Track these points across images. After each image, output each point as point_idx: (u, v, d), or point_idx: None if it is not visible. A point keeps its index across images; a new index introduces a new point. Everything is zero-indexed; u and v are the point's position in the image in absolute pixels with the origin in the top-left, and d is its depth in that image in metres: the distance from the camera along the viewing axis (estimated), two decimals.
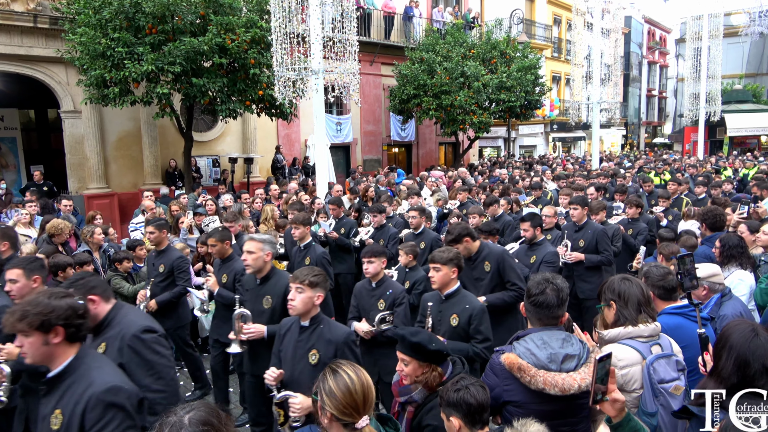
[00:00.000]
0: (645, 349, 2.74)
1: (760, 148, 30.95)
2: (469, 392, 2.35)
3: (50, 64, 12.45)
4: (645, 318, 2.82)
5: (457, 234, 4.74)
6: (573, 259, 6.03)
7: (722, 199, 7.66)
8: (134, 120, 13.77)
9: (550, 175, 14.47)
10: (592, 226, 6.25)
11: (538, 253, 5.58)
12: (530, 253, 5.67)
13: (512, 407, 2.62)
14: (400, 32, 20.32)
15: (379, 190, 11.15)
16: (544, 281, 2.76)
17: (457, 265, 3.86)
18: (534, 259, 5.57)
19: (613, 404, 2.17)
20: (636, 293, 2.85)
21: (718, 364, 2.26)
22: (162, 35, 10.32)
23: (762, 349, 2.17)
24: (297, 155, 17.08)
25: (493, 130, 21.57)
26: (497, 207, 7.84)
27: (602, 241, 6.15)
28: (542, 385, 2.52)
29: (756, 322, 2.66)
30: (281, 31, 9.69)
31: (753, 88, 33.89)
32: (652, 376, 2.66)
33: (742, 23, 29.02)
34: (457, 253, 3.96)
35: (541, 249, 5.62)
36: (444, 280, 3.83)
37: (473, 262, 4.79)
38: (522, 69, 18.27)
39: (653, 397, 2.63)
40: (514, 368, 2.59)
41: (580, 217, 6.23)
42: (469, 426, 2.35)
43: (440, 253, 3.89)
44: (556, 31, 31.44)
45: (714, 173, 14.85)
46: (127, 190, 13.94)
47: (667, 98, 49.36)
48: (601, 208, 6.77)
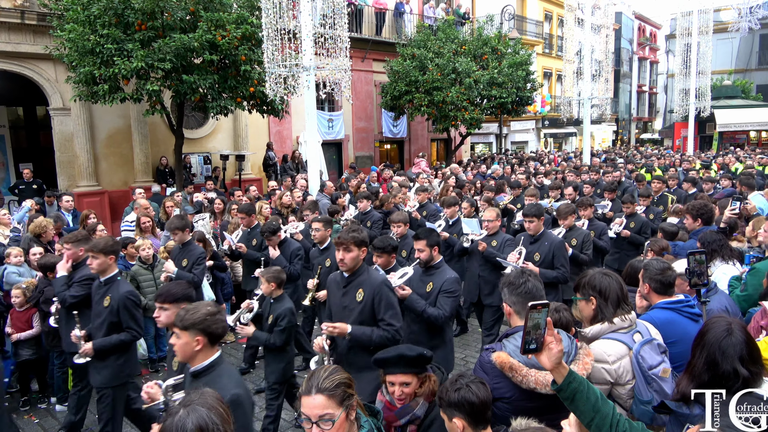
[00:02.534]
0: (628, 339, 2.79)
1: (749, 143, 31.21)
2: (470, 390, 2.30)
3: (38, 61, 12.33)
4: (621, 313, 2.87)
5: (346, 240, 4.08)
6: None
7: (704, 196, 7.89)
8: (124, 117, 13.67)
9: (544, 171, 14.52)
10: (549, 237, 5.79)
11: (436, 280, 4.45)
12: (426, 279, 4.54)
13: (500, 403, 2.64)
14: (391, 28, 20.29)
15: (371, 186, 11.16)
16: (521, 274, 2.85)
17: None
18: (431, 286, 4.45)
19: (551, 354, 2.10)
20: (615, 289, 2.87)
21: (692, 360, 2.26)
22: (152, 32, 10.24)
23: (732, 350, 2.13)
24: (288, 152, 17.02)
25: (484, 127, 21.57)
26: (456, 209, 7.32)
27: (559, 255, 5.64)
28: (533, 384, 2.55)
29: (738, 319, 2.65)
30: (272, 27, 9.65)
31: (742, 83, 34.17)
32: (641, 364, 2.69)
33: (732, 19, 29.19)
34: None
35: (439, 274, 4.48)
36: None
37: (345, 287, 3.91)
38: (513, 65, 18.30)
39: (646, 385, 2.65)
40: (505, 368, 2.61)
41: (537, 229, 5.75)
42: (472, 426, 2.30)
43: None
44: (547, 27, 31.50)
45: (703, 169, 14.98)
46: (118, 188, 13.85)
47: (658, 94, 49.63)
48: (569, 213, 6.51)
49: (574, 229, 6.53)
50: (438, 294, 4.36)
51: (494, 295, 5.90)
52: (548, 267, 5.60)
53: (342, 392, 2.15)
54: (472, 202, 7.58)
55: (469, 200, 7.60)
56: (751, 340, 2.19)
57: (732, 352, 2.13)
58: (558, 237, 5.98)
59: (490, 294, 6.00)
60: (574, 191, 9.03)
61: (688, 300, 3.32)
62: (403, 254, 6.15)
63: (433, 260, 4.53)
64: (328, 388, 2.12)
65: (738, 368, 2.10)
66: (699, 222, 5.72)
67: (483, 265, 6.13)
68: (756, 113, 30.10)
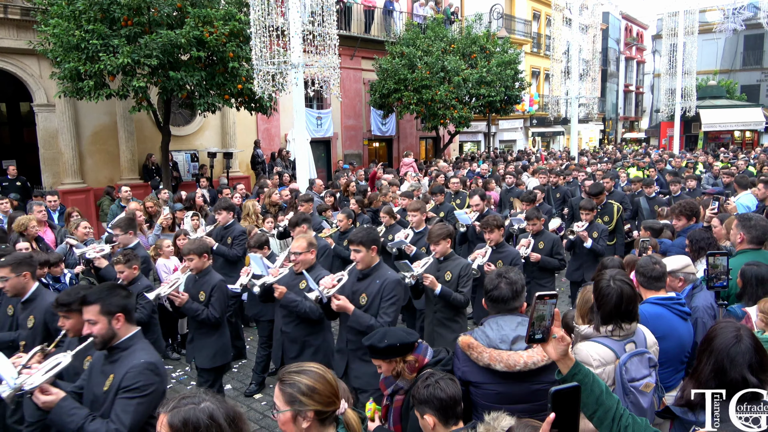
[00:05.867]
0: (619, 347, 2.74)
1: (733, 142, 31.61)
2: (438, 387, 2.36)
3: (22, 57, 12.14)
4: (614, 327, 2.74)
5: None
6: (488, 270, 5.44)
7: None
8: (110, 114, 13.51)
9: (531, 170, 14.57)
10: (508, 250, 5.81)
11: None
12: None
13: (473, 388, 2.79)
14: (380, 26, 20.26)
15: (360, 185, 11.14)
16: (497, 276, 2.94)
17: None
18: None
19: (557, 345, 2.08)
20: (613, 303, 2.72)
21: (699, 366, 2.20)
22: (138, 27, 10.11)
23: (741, 358, 2.07)
24: (276, 150, 16.92)
25: (473, 125, 21.62)
26: (423, 218, 6.77)
27: (557, 247, 6.25)
28: (488, 360, 2.71)
29: (744, 324, 2.63)
30: (260, 24, 9.58)
31: (727, 84, 34.57)
32: (623, 376, 2.66)
33: (717, 20, 29.52)
34: None
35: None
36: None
37: None
38: (502, 64, 18.36)
39: (623, 396, 2.64)
40: (465, 347, 2.79)
41: (497, 239, 5.67)
42: (443, 422, 2.35)
43: None
44: (535, 26, 31.64)
45: (691, 168, 15.17)
46: (104, 186, 13.67)
47: (644, 94, 50.03)
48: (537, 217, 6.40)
49: (543, 234, 6.42)
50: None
51: None
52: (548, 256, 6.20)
53: (290, 395, 2.08)
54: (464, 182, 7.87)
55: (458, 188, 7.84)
56: (760, 348, 2.13)
57: (741, 360, 2.07)
58: (513, 249, 5.95)
59: None
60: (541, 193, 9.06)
61: (678, 298, 3.36)
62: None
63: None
64: (283, 382, 2.12)
65: (747, 376, 2.05)
66: (694, 220, 5.76)
67: None
68: (740, 113, 30.50)
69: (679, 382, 3.19)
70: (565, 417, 1.82)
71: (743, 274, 3.65)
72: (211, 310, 4.74)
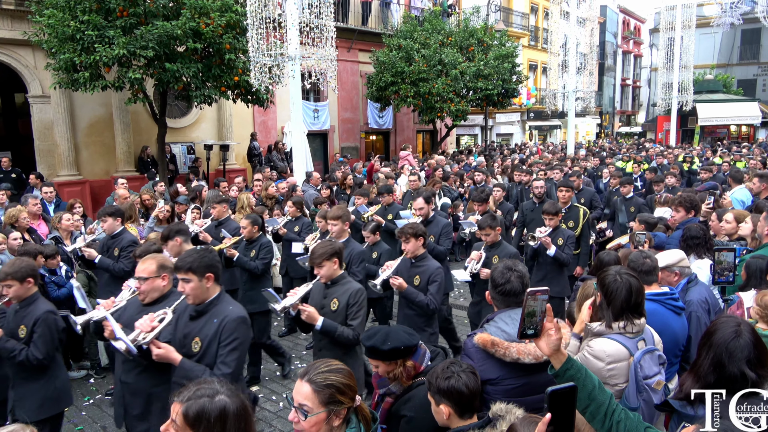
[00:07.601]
0: (632, 345, 2.71)
1: (729, 137, 31.68)
2: (460, 380, 2.31)
3: (17, 47, 12.05)
4: (625, 321, 2.71)
5: None
6: (484, 275, 5.24)
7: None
8: (106, 105, 13.44)
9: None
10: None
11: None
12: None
13: (489, 386, 2.72)
14: (377, 19, 20.17)
15: (357, 178, 11.13)
16: (507, 270, 2.92)
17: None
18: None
19: (549, 340, 2.09)
20: (622, 298, 2.69)
21: (698, 360, 2.20)
22: (134, 18, 10.04)
23: (740, 352, 2.07)
24: (273, 142, 16.88)
25: (470, 118, 21.64)
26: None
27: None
28: (516, 354, 2.66)
29: (744, 318, 2.62)
30: (257, 15, 9.54)
31: (724, 78, 34.60)
32: (638, 373, 2.64)
33: (714, 14, 29.49)
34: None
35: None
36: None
37: None
38: (499, 57, 18.32)
39: (637, 393, 2.63)
40: (487, 345, 2.73)
41: (494, 238, 5.42)
42: (458, 414, 2.32)
43: None
44: (533, 19, 31.56)
45: (688, 163, 15.23)
46: (100, 178, 13.65)
47: (641, 87, 50.03)
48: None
49: (500, 246, 5.80)
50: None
51: None
52: None
53: (329, 394, 2.05)
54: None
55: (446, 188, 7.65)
56: (759, 342, 2.13)
57: (740, 354, 2.07)
58: (511, 247, 5.76)
59: None
60: None
61: (672, 293, 3.36)
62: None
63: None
64: (317, 383, 2.06)
65: (745, 371, 2.05)
66: (692, 213, 5.78)
67: None
68: (736, 108, 30.57)
69: (673, 375, 3.21)
70: (561, 417, 1.83)
71: (748, 267, 3.71)
72: (32, 349, 3.73)
